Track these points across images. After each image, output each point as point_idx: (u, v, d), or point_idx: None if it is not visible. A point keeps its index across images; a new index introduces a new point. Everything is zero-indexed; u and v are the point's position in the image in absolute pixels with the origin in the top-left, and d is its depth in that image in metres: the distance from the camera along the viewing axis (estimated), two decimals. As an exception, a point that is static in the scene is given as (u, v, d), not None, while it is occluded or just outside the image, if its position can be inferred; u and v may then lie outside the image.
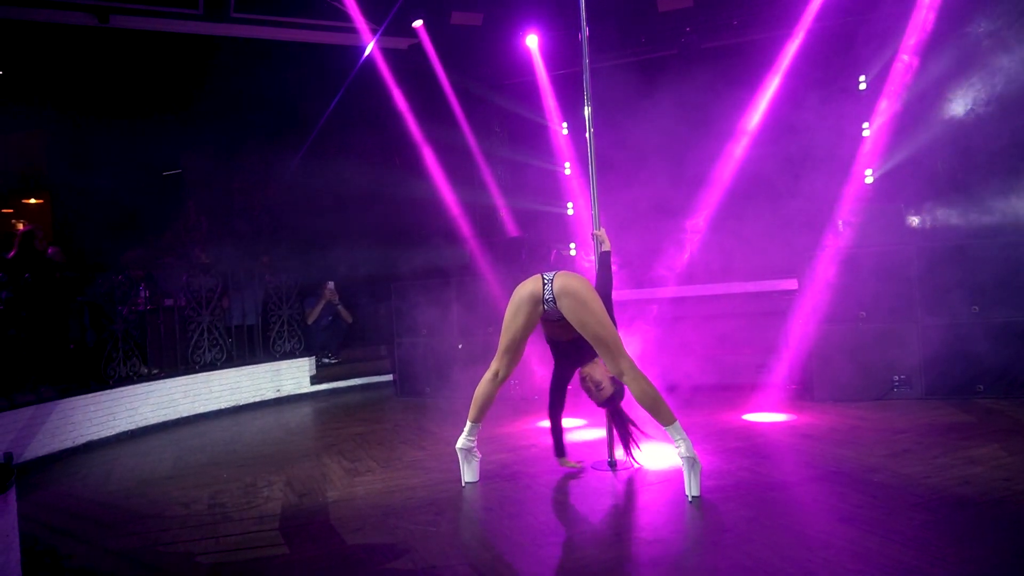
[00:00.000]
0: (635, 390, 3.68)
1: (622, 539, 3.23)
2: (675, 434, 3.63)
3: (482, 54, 9.31)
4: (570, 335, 3.95)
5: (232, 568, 3.17)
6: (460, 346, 7.19)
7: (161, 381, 6.93)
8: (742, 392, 6.26)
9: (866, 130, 7.78)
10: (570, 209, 9.26)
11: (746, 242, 7.41)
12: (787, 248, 6.79)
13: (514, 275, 6.12)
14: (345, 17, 8.67)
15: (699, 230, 8.11)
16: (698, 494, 3.60)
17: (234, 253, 8.04)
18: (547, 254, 8.55)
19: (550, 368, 4.33)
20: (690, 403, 6.01)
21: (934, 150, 7.09)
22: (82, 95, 8.86)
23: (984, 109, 6.76)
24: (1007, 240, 5.63)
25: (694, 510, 3.47)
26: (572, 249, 8.94)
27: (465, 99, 9.41)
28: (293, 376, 8.17)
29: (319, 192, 9.50)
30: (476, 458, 4.23)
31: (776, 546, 2.95)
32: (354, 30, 8.81)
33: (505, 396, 4.24)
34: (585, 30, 4.67)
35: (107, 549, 3.53)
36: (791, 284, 6.48)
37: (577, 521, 3.53)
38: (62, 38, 8.19)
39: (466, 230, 9.20)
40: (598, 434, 4.97)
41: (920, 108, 7.19)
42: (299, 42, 9.30)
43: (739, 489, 3.73)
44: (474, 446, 4.21)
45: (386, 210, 9.51)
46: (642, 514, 3.55)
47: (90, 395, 6.24)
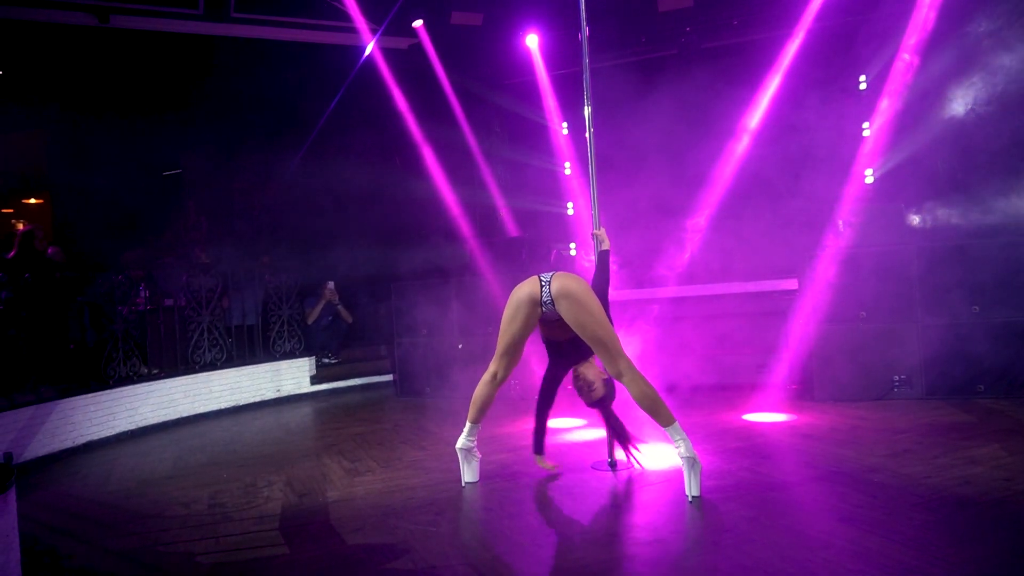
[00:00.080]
0: (634, 391, 3.66)
1: (622, 539, 3.23)
2: (675, 434, 3.63)
3: (482, 54, 9.31)
4: (568, 335, 3.93)
5: (232, 568, 3.17)
6: (460, 346, 7.19)
7: (161, 381, 6.93)
8: (742, 392, 6.26)
9: (866, 130, 7.77)
10: (570, 209, 9.26)
11: (746, 242, 7.41)
12: (787, 248, 6.79)
13: (514, 275, 6.11)
14: (345, 17, 8.67)
15: (700, 229, 8.10)
16: (698, 494, 3.60)
17: (234, 253, 8.05)
18: (547, 254, 8.55)
19: (548, 367, 4.31)
20: (690, 403, 6.01)
21: (934, 150, 7.08)
22: (82, 95, 8.87)
23: (985, 108, 6.76)
24: (1007, 240, 5.63)
25: (694, 510, 3.47)
26: (572, 249, 8.93)
27: (465, 99, 9.40)
28: (293, 376, 8.17)
29: (319, 192, 9.49)
30: (476, 458, 4.23)
31: (776, 546, 2.95)
32: (354, 30, 8.81)
33: (505, 396, 4.24)
34: (585, 30, 4.67)
35: (107, 549, 3.53)
36: (791, 284, 6.47)
37: (577, 521, 3.52)
38: (62, 38, 8.19)
39: (466, 230, 9.19)
40: (598, 434, 4.96)
41: (921, 107, 7.18)
42: (299, 42, 9.30)
43: (739, 489, 3.73)
44: (474, 446, 4.21)
45: (386, 210, 9.52)
46: (642, 514, 3.55)
47: (90, 395, 6.25)
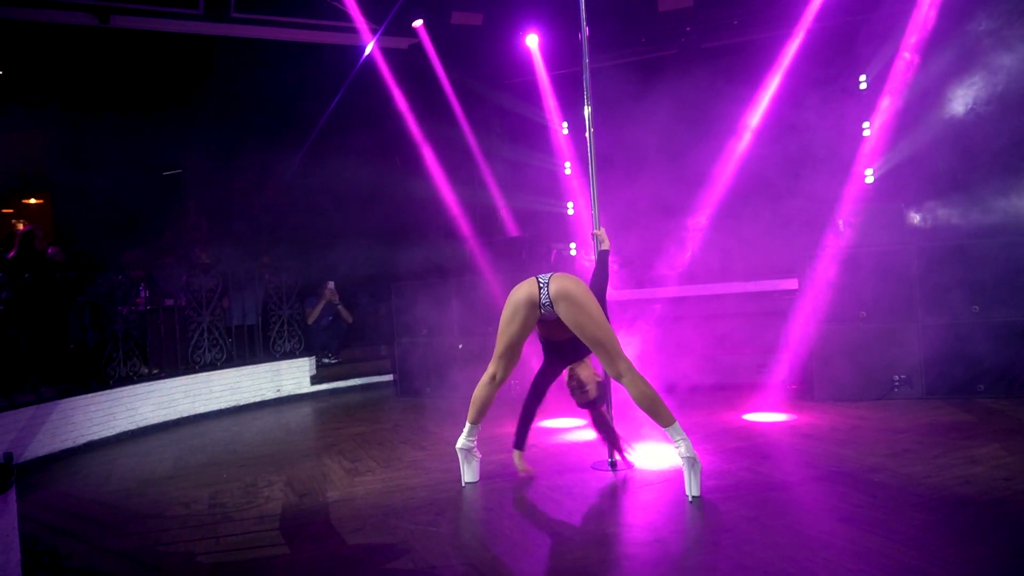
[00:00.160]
0: (634, 392, 3.65)
1: (622, 539, 3.23)
2: (675, 435, 3.62)
3: (482, 54, 9.31)
4: (566, 335, 3.92)
5: (232, 568, 3.17)
6: (460, 346, 7.19)
7: (161, 381, 6.93)
8: (742, 392, 6.26)
9: (866, 129, 7.78)
10: (570, 208, 9.26)
11: (746, 242, 7.41)
12: (787, 248, 6.78)
13: (514, 274, 6.11)
14: (345, 17, 8.67)
15: (701, 228, 8.10)
16: (698, 494, 3.60)
17: (234, 253, 8.04)
18: (547, 254, 8.55)
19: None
20: (690, 403, 6.01)
21: (935, 149, 7.08)
22: (82, 95, 8.87)
23: (985, 108, 6.76)
24: (1008, 239, 5.62)
25: (694, 510, 3.47)
26: (572, 249, 8.93)
27: (465, 99, 9.40)
28: (293, 376, 8.17)
29: (319, 192, 9.49)
30: (476, 458, 4.23)
31: (776, 546, 2.94)
32: (354, 30, 8.81)
33: (505, 396, 4.23)
34: (585, 30, 4.67)
35: (107, 549, 3.53)
36: (791, 284, 6.47)
37: (577, 521, 3.52)
38: (62, 38, 8.20)
39: (466, 230, 9.18)
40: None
41: (921, 107, 7.19)
42: (299, 42, 9.30)
43: (739, 489, 3.72)
44: (474, 446, 4.21)
45: (386, 210, 9.51)
46: (642, 514, 3.54)
47: (90, 395, 6.25)
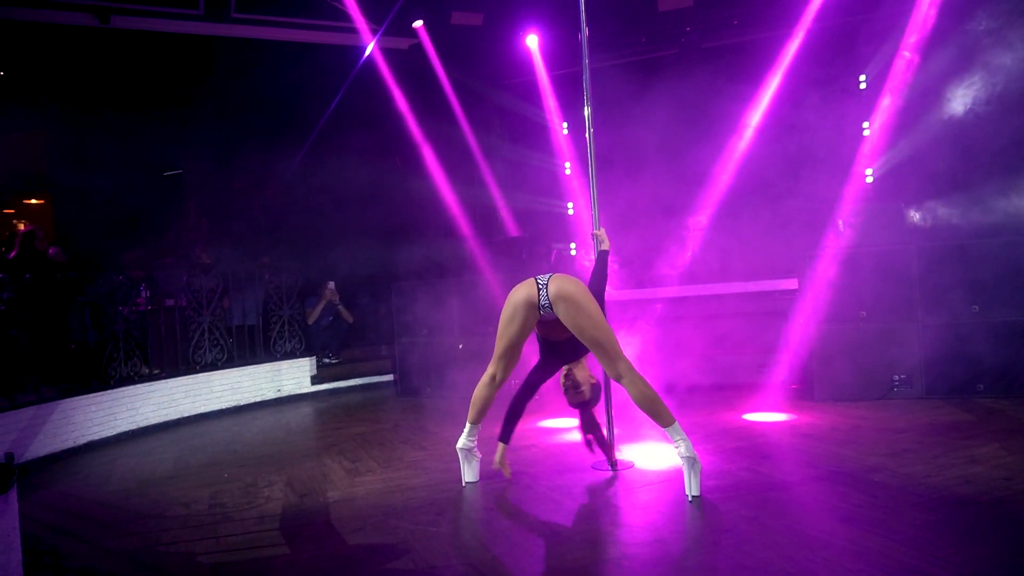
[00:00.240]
0: (634, 393, 3.66)
1: (622, 539, 3.23)
2: (675, 435, 3.62)
3: (482, 54, 9.31)
4: (565, 335, 3.91)
5: (233, 568, 3.17)
6: (460, 346, 7.19)
7: (162, 381, 6.93)
8: (742, 392, 6.26)
9: (866, 129, 7.78)
10: (570, 208, 9.26)
11: (746, 242, 7.40)
12: (787, 248, 6.78)
13: (514, 274, 6.11)
14: (345, 17, 8.67)
15: (701, 228, 8.10)
16: (698, 494, 3.61)
17: (234, 253, 8.04)
18: (547, 253, 8.55)
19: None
20: (690, 403, 6.00)
21: (935, 149, 7.08)
22: (83, 95, 8.88)
23: (985, 107, 6.76)
24: (1008, 239, 5.63)
25: (694, 510, 3.47)
26: (572, 249, 8.94)
27: (465, 99, 9.41)
28: (294, 376, 8.17)
29: (319, 192, 9.49)
30: (476, 458, 4.23)
31: (776, 546, 2.95)
32: (354, 30, 8.81)
33: (505, 397, 4.23)
34: (585, 30, 4.67)
35: (108, 549, 3.53)
36: (791, 284, 6.47)
37: (577, 521, 3.53)
38: (63, 38, 8.20)
39: (466, 229, 9.19)
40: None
41: (921, 106, 7.19)
42: (299, 42, 9.30)
43: (739, 489, 3.73)
44: (474, 446, 4.21)
45: (386, 210, 9.51)
46: (642, 514, 3.55)
47: (91, 395, 6.25)
